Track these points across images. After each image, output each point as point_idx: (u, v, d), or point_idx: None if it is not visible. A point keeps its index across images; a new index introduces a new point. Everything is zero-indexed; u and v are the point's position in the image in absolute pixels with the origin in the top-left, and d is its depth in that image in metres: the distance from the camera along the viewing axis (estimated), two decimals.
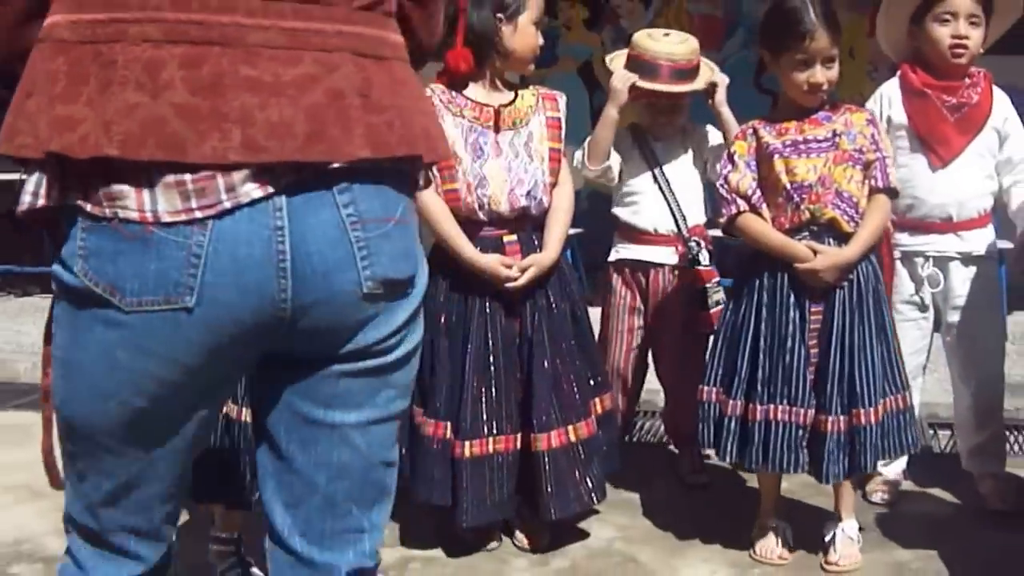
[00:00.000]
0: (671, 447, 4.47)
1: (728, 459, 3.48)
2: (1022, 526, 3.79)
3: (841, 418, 3.33)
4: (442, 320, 3.46)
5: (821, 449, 3.35)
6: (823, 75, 3.31)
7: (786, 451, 3.35)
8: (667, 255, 4.11)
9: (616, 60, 4.05)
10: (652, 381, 4.35)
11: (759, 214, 3.39)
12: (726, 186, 3.41)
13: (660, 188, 4.09)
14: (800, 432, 3.34)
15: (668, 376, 4.27)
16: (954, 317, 3.88)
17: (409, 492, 3.50)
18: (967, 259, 3.84)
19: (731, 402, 3.42)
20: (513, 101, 3.48)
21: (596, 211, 4.97)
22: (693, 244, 4.07)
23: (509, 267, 3.40)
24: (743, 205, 3.38)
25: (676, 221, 4.09)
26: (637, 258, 4.13)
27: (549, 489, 3.42)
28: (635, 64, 3.95)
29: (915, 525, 3.82)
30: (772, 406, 3.35)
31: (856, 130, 3.38)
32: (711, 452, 4.17)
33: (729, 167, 3.43)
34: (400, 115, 1.64)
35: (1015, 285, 5.95)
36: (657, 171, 4.09)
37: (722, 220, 3.43)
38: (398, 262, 1.69)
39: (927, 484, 4.12)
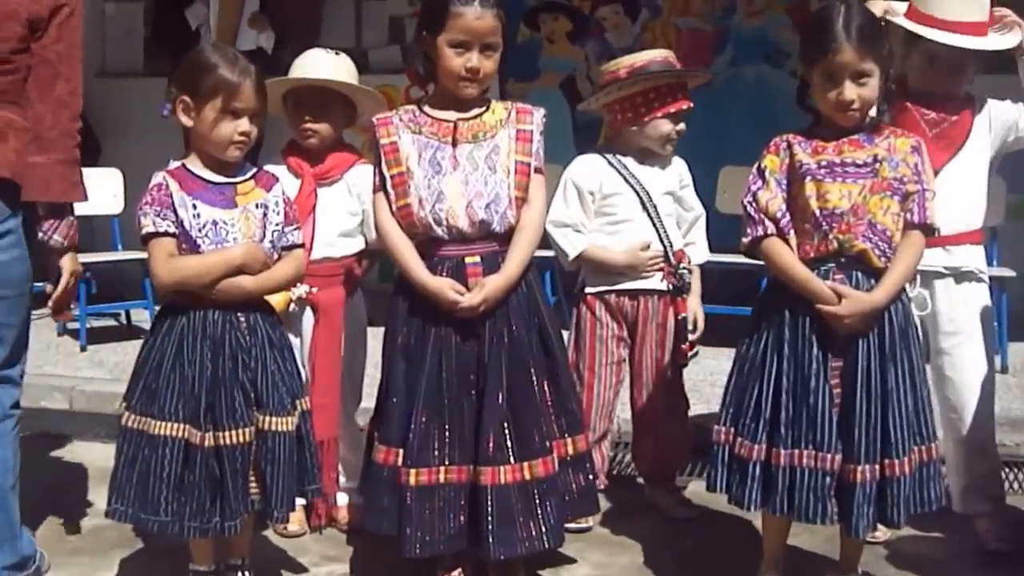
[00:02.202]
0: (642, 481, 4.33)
1: (752, 508, 3.24)
2: (1022, 567, 3.65)
3: (872, 468, 3.12)
4: (399, 341, 3.37)
5: (850, 500, 3.13)
6: (853, 92, 3.10)
7: (813, 500, 3.12)
8: (657, 281, 4.00)
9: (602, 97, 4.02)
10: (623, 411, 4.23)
11: (785, 240, 3.18)
12: (754, 204, 3.19)
13: (648, 213, 3.98)
14: (828, 479, 3.11)
15: (651, 410, 4.11)
16: (943, 343, 3.74)
17: (363, 520, 3.46)
18: (956, 276, 3.72)
19: (755, 447, 3.18)
20: (480, 115, 3.37)
21: None
22: (684, 271, 3.97)
23: (461, 293, 3.27)
24: (771, 228, 3.17)
25: (665, 246, 3.99)
26: (626, 287, 4.00)
27: (492, 526, 3.26)
28: (634, 74, 3.94)
29: (911, 566, 3.70)
30: (797, 451, 3.13)
31: (899, 157, 3.17)
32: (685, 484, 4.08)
33: (759, 183, 3.21)
34: None
35: (1017, 314, 5.84)
36: (644, 195, 3.98)
37: (745, 240, 3.22)
38: None
39: (923, 522, 3.86)
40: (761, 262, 3.27)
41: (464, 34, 3.23)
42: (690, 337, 4.04)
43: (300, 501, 3.55)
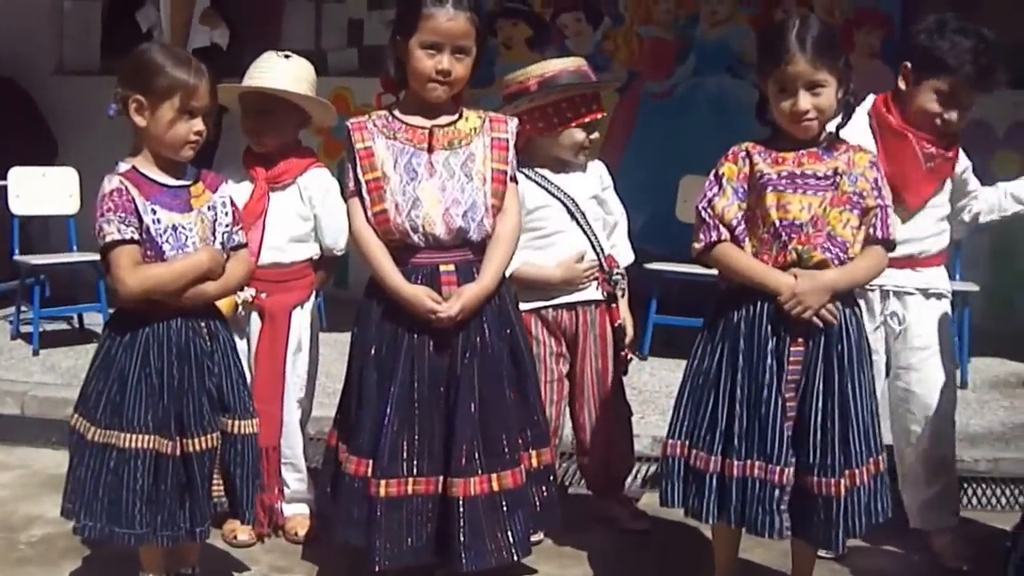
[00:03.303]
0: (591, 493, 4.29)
1: (710, 520, 3.21)
2: None
3: (840, 480, 3.10)
4: (371, 351, 3.31)
5: (829, 513, 3.10)
6: (807, 101, 3.10)
7: (762, 512, 3.10)
8: (593, 291, 3.95)
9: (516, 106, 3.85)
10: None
11: (740, 246, 3.18)
12: (710, 211, 3.18)
13: (577, 222, 3.91)
14: (776, 492, 3.09)
15: (598, 422, 4.05)
16: (912, 359, 3.74)
17: (328, 530, 3.42)
18: (926, 294, 3.73)
19: (712, 458, 3.16)
20: (455, 122, 3.33)
21: None
22: (618, 277, 3.94)
23: (438, 302, 3.22)
24: (724, 234, 3.16)
25: (597, 254, 3.93)
26: (563, 301, 3.92)
27: (463, 539, 3.23)
28: (544, 86, 3.82)
29: None
30: (749, 462, 3.12)
31: (858, 172, 3.17)
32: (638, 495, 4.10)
33: (716, 190, 3.19)
34: None
35: (978, 330, 5.86)
36: (571, 204, 3.90)
37: (697, 245, 3.21)
38: None
39: (877, 537, 3.87)
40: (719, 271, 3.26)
41: (435, 35, 3.20)
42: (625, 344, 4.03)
43: None
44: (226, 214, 3.23)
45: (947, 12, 3.69)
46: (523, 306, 3.81)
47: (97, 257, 3.18)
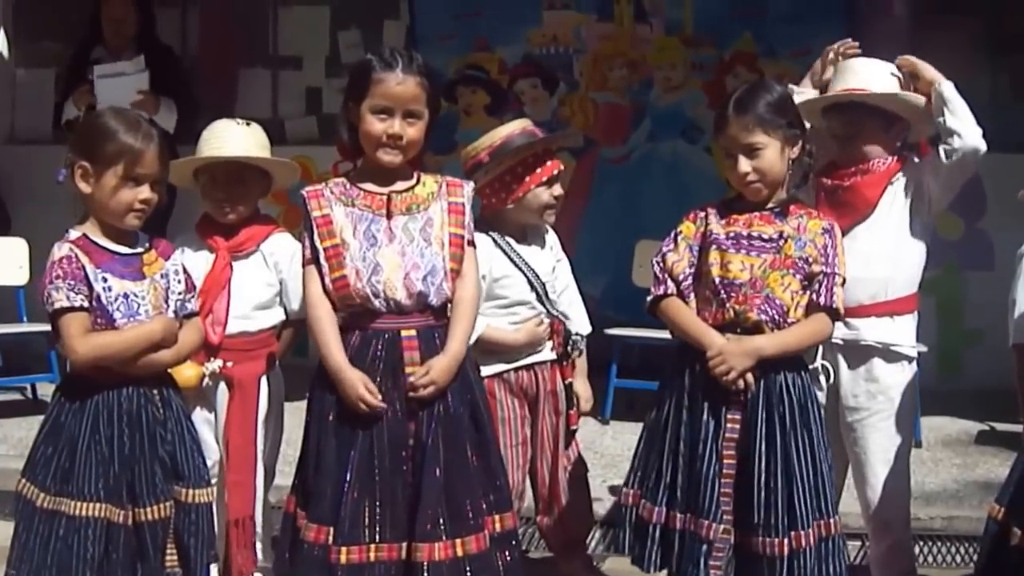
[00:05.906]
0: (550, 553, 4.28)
1: (652, 569, 3.28)
2: None
3: (782, 541, 3.13)
4: (330, 417, 3.28)
5: (774, 573, 3.13)
6: (746, 165, 3.20)
7: (691, 566, 3.17)
8: (549, 351, 3.98)
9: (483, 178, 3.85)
10: None
11: (685, 302, 3.27)
12: (661, 264, 3.31)
13: (537, 293, 3.92)
14: (704, 547, 3.15)
15: (555, 480, 4.06)
16: (848, 419, 3.72)
17: None
18: (855, 349, 3.68)
19: (656, 509, 3.25)
20: (412, 187, 3.34)
21: None
22: (576, 338, 3.98)
23: (372, 393, 3.20)
24: (671, 288, 3.27)
25: (554, 320, 3.96)
26: (525, 363, 3.93)
27: None
28: (496, 155, 3.81)
29: None
30: (688, 515, 3.20)
31: (808, 237, 3.24)
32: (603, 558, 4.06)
33: (671, 246, 3.32)
34: None
35: (928, 389, 5.90)
36: (532, 276, 3.92)
37: (649, 298, 3.33)
38: None
39: None
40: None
41: (386, 99, 3.21)
42: (583, 407, 4.06)
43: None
44: (179, 282, 3.22)
45: None
46: (485, 371, 3.80)
47: (48, 327, 3.15)
